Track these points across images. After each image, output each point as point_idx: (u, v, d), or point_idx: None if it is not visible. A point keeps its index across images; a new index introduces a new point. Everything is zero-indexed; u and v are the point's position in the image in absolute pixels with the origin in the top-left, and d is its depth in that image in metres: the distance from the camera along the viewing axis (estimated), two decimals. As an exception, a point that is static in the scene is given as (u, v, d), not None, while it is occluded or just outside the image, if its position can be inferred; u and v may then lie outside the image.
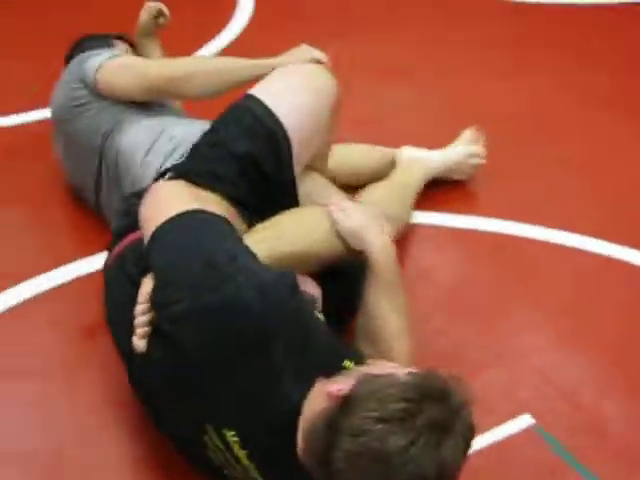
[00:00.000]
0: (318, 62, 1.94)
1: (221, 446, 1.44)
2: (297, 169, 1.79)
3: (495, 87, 2.89)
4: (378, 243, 1.70)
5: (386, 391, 1.28)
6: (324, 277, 1.74)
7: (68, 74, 2.13)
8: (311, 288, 1.70)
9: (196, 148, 1.79)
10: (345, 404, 1.29)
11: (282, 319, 1.42)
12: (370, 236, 1.70)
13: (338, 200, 1.81)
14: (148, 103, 2.08)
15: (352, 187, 2.23)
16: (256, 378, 1.40)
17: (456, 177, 2.41)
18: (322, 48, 2.00)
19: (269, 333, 1.40)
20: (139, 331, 1.46)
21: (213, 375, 1.41)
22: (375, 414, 1.26)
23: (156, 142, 1.96)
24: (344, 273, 1.77)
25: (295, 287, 1.47)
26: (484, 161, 2.41)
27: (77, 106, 2.07)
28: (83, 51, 2.18)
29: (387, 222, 1.96)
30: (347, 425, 1.26)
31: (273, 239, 1.68)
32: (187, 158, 1.79)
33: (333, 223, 1.71)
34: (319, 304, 1.70)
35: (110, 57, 2.06)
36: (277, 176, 1.76)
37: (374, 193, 2.20)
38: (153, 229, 1.50)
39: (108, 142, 2.03)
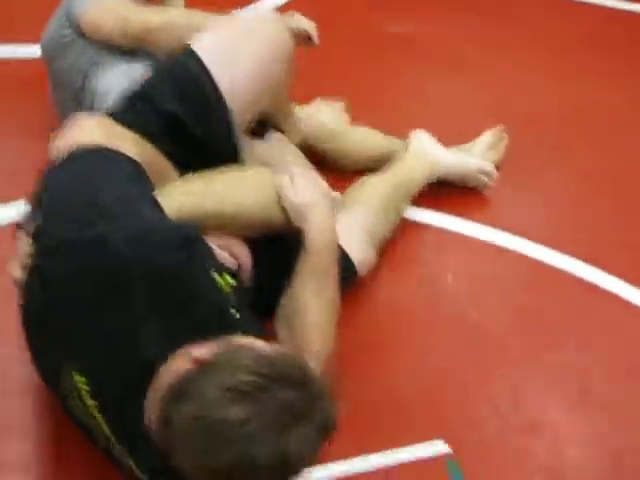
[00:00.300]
0: (305, 32, 1.83)
1: (75, 393, 1.37)
2: (239, 129, 1.71)
3: (540, 88, 2.63)
4: (319, 225, 1.59)
5: (242, 362, 1.22)
6: (265, 251, 1.65)
7: (59, 10, 2.07)
8: (239, 252, 1.61)
9: (129, 97, 1.73)
10: (201, 369, 1.23)
11: (152, 269, 1.34)
12: (312, 216, 1.60)
13: (297, 170, 1.69)
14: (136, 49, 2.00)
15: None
16: (111, 324, 1.33)
17: (463, 185, 2.21)
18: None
19: (131, 279, 1.33)
20: (19, 261, 1.42)
21: (71, 313, 1.36)
22: (221, 382, 1.20)
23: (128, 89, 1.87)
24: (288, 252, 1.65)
25: (189, 243, 1.39)
26: (492, 183, 2.21)
27: (62, 44, 2.02)
28: None
29: (371, 234, 1.90)
30: (194, 389, 1.21)
31: (201, 194, 1.59)
32: (121, 105, 1.72)
33: (278, 191, 1.61)
34: (246, 273, 1.62)
35: None
36: (210, 138, 1.68)
37: (374, 187, 2.03)
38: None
39: (86, 84, 1.97)
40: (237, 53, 1.72)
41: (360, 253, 1.86)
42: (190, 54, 1.72)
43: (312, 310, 1.57)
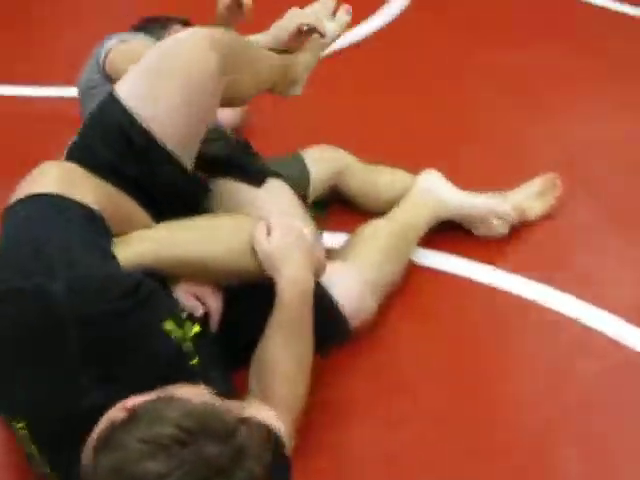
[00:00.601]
0: (315, 31, 1.79)
1: (16, 430, 1.40)
2: (185, 160, 1.66)
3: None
4: (289, 276, 1.56)
5: (167, 414, 1.20)
6: (244, 297, 1.63)
7: (92, 55, 2.12)
8: (208, 298, 1.60)
9: (74, 144, 1.71)
10: (127, 419, 1.23)
11: (90, 317, 1.35)
12: (284, 266, 1.57)
13: (276, 218, 1.65)
14: None
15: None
16: (48, 372, 1.35)
17: (478, 233, 2.09)
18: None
19: (65, 328, 1.34)
20: None
21: (8, 362, 1.38)
22: (140, 434, 1.19)
23: None
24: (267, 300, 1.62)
25: (135, 291, 1.40)
26: (506, 232, 2.07)
27: (91, 88, 2.07)
28: (137, 30, 2.18)
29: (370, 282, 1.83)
30: (117, 440, 1.21)
31: (167, 241, 1.57)
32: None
33: (252, 239, 1.59)
34: (215, 320, 1.61)
35: (120, 41, 2.04)
36: (153, 178, 1.65)
37: (377, 235, 1.96)
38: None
39: None
40: (156, 90, 1.64)
41: (356, 304, 1.79)
42: (111, 98, 1.67)
43: (280, 362, 1.54)
